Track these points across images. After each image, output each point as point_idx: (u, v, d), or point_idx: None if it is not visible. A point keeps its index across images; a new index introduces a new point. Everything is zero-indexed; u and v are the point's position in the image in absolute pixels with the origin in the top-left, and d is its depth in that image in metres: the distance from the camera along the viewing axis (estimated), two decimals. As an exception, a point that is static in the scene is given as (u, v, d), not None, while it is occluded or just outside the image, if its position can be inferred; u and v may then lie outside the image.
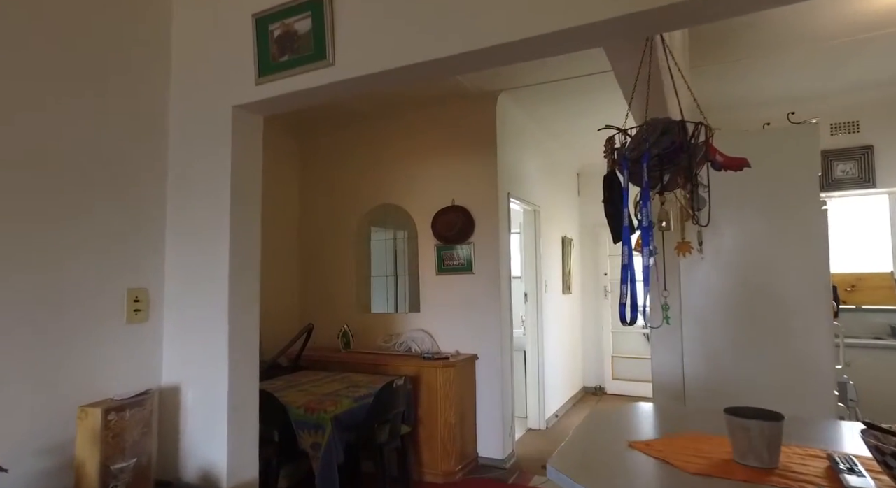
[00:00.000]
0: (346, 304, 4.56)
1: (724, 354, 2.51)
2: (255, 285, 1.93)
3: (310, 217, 4.81)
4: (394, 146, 4.45)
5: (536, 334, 4.98)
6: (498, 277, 3.99)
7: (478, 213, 4.08)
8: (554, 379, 5.26)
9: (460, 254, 4.10)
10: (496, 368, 3.94)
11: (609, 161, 1.45)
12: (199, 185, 1.90)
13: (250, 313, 1.90)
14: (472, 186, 4.12)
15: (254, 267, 1.94)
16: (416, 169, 4.33)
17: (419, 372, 3.70)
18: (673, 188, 1.26)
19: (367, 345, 4.33)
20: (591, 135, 5.32)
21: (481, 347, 3.99)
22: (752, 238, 2.41)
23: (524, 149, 4.71)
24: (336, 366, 4.00)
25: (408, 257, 4.53)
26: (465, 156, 4.15)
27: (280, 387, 3.28)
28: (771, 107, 4.30)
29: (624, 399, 5.97)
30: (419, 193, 4.31)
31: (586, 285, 6.56)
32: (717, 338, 2.51)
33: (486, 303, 4.00)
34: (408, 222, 4.37)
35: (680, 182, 1.22)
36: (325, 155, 4.79)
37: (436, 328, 4.16)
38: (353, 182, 4.62)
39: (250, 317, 1.90)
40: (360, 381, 3.46)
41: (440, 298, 4.16)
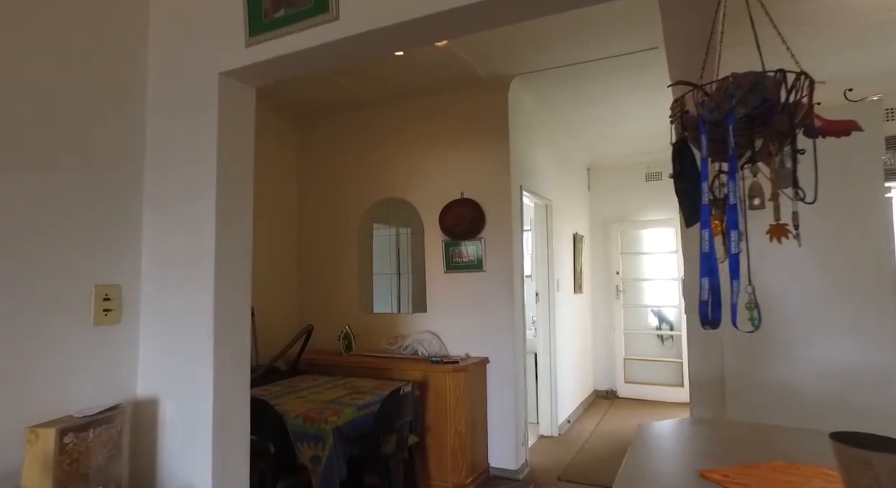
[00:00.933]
0: (347, 304, 4.30)
1: (773, 357, 2.24)
2: (245, 281, 1.67)
3: (309, 211, 4.55)
4: (399, 136, 4.19)
5: (548, 336, 4.72)
6: (511, 275, 3.73)
7: (489, 207, 3.82)
8: (566, 382, 5.00)
9: (470, 251, 3.84)
10: (509, 372, 3.68)
11: (678, 127, 1.19)
12: (180, 167, 1.64)
13: (240, 313, 1.64)
14: (482, 178, 3.86)
15: (244, 260, 1.68)
16: (423, 160, 4.07)
17: (427, 377, 3.44)
18: (764, 157, 1.01)
19: (371, 348, 4.07)
20: (603, 126, 5.06)
21: (493, 350, 3.73)
22: (809, 225, 2.15)
23: (536, 141, 4.45)
24: (337, 370, 3.74)
25: (413, 254, 4.27)
26: (475, 147, 3.89)
27: (277, 394, 3.02)
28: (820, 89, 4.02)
29: (637, 403, 5.71)
30: (426, 186, 4.05)
31: (597, 284, 6.30)
32: (766, 338, 2.24)
33: (497, 303, 3.74)
34: (413, 217, 4.10)
35: (772, 149, 0.97)
36: (326, 146, 4.53)
37: (444, 329, 3.90)
38: (355, 174, 4.36)
39: (240, 318, 1.64)
40: (364, 387, 3.19)
41: (448, 298, 3.90)
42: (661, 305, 6.00)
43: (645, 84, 3.97)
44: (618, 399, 5.96)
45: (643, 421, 4.41)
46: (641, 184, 6.17)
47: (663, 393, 5.69)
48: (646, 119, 4.82)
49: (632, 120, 4.88)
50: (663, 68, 2.44)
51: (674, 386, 5.68)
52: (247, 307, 1.67)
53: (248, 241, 1.71)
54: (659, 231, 6.07)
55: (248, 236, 1.71)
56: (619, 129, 5.19)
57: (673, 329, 5.90)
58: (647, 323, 6.09)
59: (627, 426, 4.83)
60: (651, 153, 5.98)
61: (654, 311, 6.04)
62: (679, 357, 5.70)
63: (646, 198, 6.14)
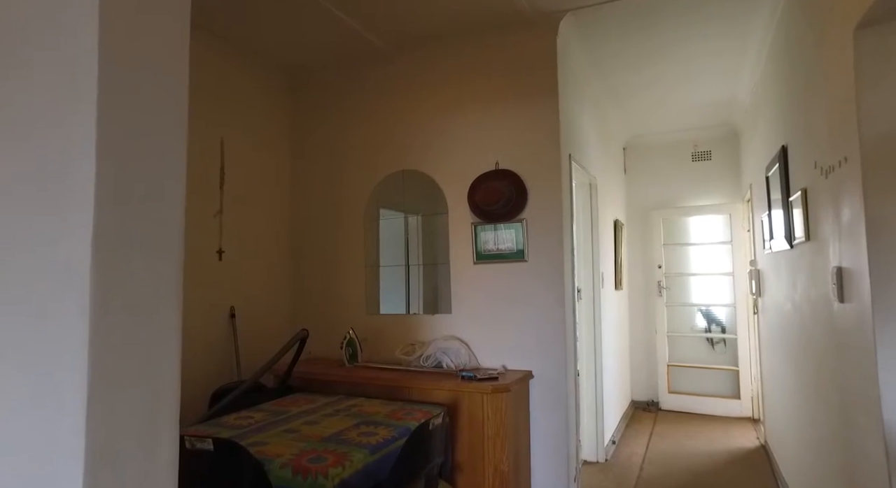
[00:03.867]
0: (350, 303, 3.49)
1: None
2: (170, 261, 0.85)
3: (304, 190, 3.74)
4: (417, 94, 3.37)
5: (593, 340, 3.93)
6: (560, 267, 2.94)
7: (532, 180, 3.02)
8: (609, 395, 4.22)
9: (507, 236, 3.04)
10: (558, 391, 2.89)
11: None
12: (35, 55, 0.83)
13: (158, 324, 0.83)
14: (523, 145, 3.05)
15: (171, 223, 0.87)
16: (447, 123, 3.26)
17: (457, 399, 2.65)
18: None
19: (381, 357, 3.27)
20: (652, 92, 4.25)
21: (537, 362, 2.94)
22: None
23: (581, 104, 3.64)
24: (339, 387, 2.94)
25: (434, 241, 3.46)
26: (514, 105, 3.09)
27: (258, 426, 2.21)
28: None
29: (685, 417, 4.93)
30: (450, 155, 3.24)
31: (636, 280, 5.51)
32: None
33: (543, 303, 2.94)
34: (434, 194, 3.30)
35: None
36: (326, 109, 3.71)
37: (473, 335, 3.10)
38: (362, 143, 3.55)
39: (157, 331, 0.83)
40: (377, 415, 2.40)
41: (479, 295, 3.10)
42: (710, 304, 5.22)
43: (722, 28, 3.17)
44: (661, 411, 5.18)
45: (702, 441, 3.59)
46: (687, 165, 5.38)
47: (716, 405, 4.91)
48: (707, 83, 4.02)
49: (689, 84, 4.08)
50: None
51: (728, 397, 4.90)
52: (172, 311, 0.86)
53: (176, 190, 0.91)
54: (708, 219, 5.27)
55: (176, 183, 0.91)
56: (669, 97, 4.39)
57: (725, 331, 5.12)
58: (695, 324, 5.31)
59: (685, 447, 4.05)
60: (700, 129, 5.19)
61: (703, 311, 5.26)
62: (734, 364, 4.92)
63: (692, 180, 5.35)
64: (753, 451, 3.84)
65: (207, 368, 3.01)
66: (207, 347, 3.03)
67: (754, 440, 4.11)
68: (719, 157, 5.20)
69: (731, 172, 5.13)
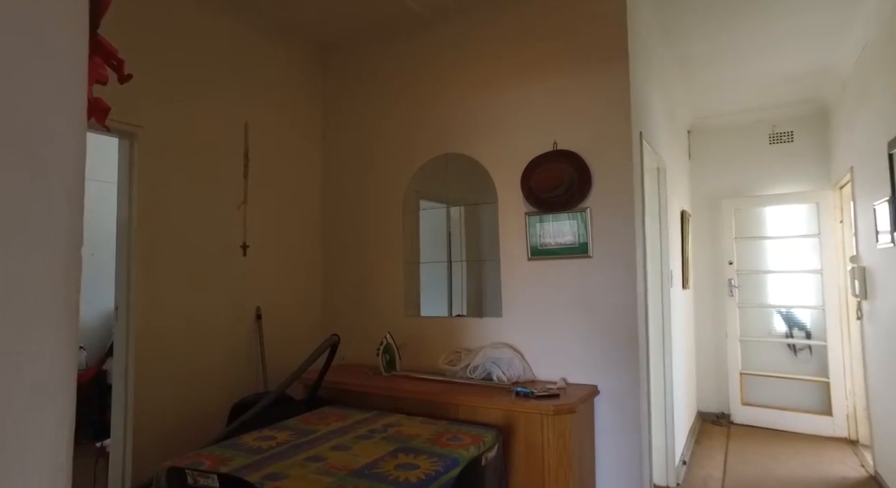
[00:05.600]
0: (387, 304, 3.14)
1: None
2: (48, 255, 0.48)
3: (337, 178, 3.41)
4: (461, 65, 2.98)
5: (661, 346, 3.44)
6: (632, 263, 2.49)
7: (597, 162, 2.58)
8: (678, 408, 3.72)
9: (568, 228, 2.61)
10: (629, 408, 2.45)
11: None
12: None
13: (24, 344, 0.46)
14: (586, 121, 2.61)
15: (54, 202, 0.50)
16: (497, 99, 2.85)
17: (511, 420, 2.25)
18: None
19: (421, 366, 2.91)
20: (728, 64, 3.69)
21: (603, 375, 2.51)
22: None
23: (649, 77, 3.15)
24: (374, 400, 2.59)
25: (481, 234, 3.05)
26: (574, 74, 2.65)
27: (279, 451, 1.88)
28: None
29: (763, 433, 4.35)
30: (500, 136, 2.83)
31: (703, 278, 4.94)
32: None
33: (610, 305, 2.50)
34: (480, 180, 2.89)
35: None
36: (360, 86, 3.36)
37: (526, 342, 2.69)
38: (400, 125, 3.18)
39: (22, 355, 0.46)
40: (416, 438, 2.02)
41: (534, 296, 2.69)
42: (792, 305, 4.60)
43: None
44: (733, 425, 4.61)
45: (790, 464, 3.00)
46: (764, 149, 4.76)
47: (800, 421, 4.31)
48: (795, 49, 3.44)
49: (771, 53, 3.51)
50: None
51: (817, 413, 4.28)
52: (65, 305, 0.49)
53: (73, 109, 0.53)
54: (789, 209, 4.65)
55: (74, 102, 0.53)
56: (745, 70, 3.82)
57: (810, 337, 4.50)
58: (772, 328, 4.70)
59: (771, 471, 3.51)
60: (780, 107, 4.56)
61: (783, 314, 4.64)
62: (823, 375, 4.30)
63: (769, 166, 4.72)
64: (861, 483, 3.26)
65: (230, 376, 2.72)
66: (231, 353, 2.75)
67: (858, 468, 3.52)
68: (803, 139, 4.57)
69: (819, 155, 4.49)
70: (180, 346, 2.52)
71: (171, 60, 2.54)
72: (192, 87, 2.62)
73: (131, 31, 2.39)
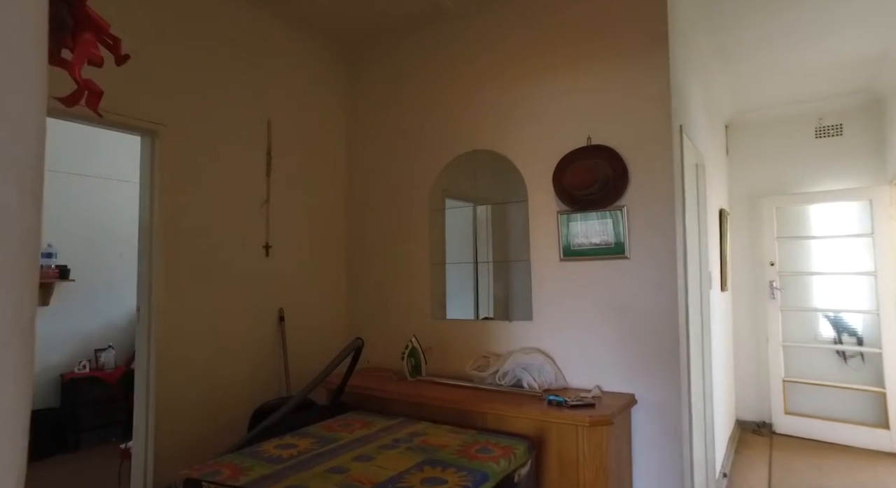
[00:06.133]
0: (413, 306, 3.04)
1: None
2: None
3: (361, 178, 3.33)
4: (491, 59, 2.86)
5: (701, 352, 3.25)
6: (672, 264, 2.33)
7: (634, 157, 2.43)
8: (717, 416, 3.52)
9: (602, 228, 2.47)
10: (669, 419, 2.29)
11: None
12: None
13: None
14: (622, 114, 2.46)
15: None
16: (527, 91, 2.73)
17: (543, 431, 2.12)
18: None
19: (447, 371, 2.80)
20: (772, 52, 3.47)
21: (641, 383, 2.36)
22: None
23: (688, 68, 2.97)
24: (399, 406, 2.50)
25: (507, 234, 2.93)
26: (610, 66, 2.50)
27: (300, 461, 1.80)
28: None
29: (809, 445, 4.10)
30: (531, 130, 2.70)
31: (741, 279, 4.70)
32: None
33: (649, 308, 2.35)
34: (510, 177, 2.77)
35: None
36: (386, 82, 3.27)
37: (559, 348, 2.56)
38: (426, 120, 3.08)
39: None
40: (444, 449, 1.92)
41: (566, 299, 2.55)
42: (841, 309, 4.33)
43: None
44: (776, 436, 4.36)
45: (844, 481, 2.77)
46: (809, 143, 4.49)
47: (852, 434, 4.05)
48: (849, 33, 3.21)
49: (821, 38, 3.28)
50: None
51: (871, 426, 4.01)
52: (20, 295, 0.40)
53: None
54: (837, 206, 4.38)
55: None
56: (792, 58, 3.59)
57: (862, 343, 4.22)
58: (819, 333, 4.44)
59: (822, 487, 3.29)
60: (828, 98, 4.30)
61: (831, 318, 4.38)
62: (878, 384, 4.03)
63: (815, 161, 4.46)
64: (922, 502, 3.03)
65: (253, 380, 2.67)
66: (253, 356, 2.69)
67: (919, 486, 3.27)
68: (854, 132, 4.29)
69: (871, 149, 4.21)
70: (202, 348, 2.47)
71: (192, 56, 2.50)
72: (214, 82, 2.57)
73: (151, 25, 2.35)
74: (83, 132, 4.10)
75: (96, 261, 4.24)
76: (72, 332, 4.12)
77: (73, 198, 4.17)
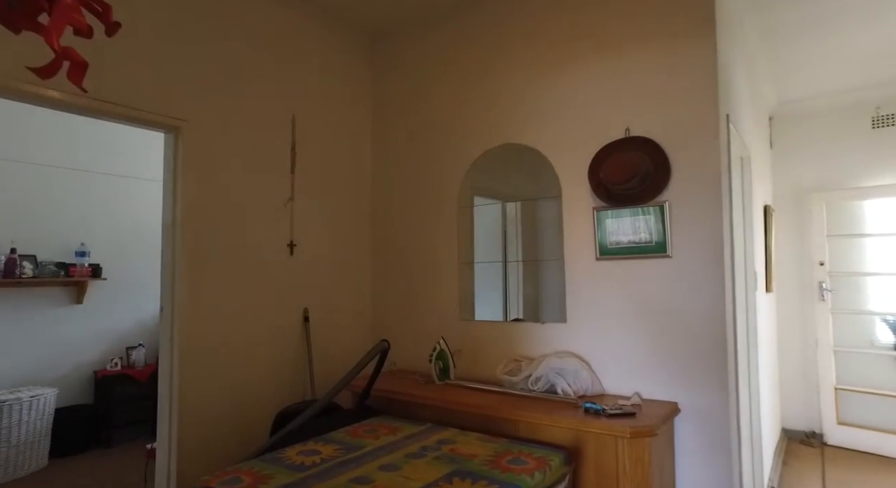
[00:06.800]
0: (440, 307, 2.94)
1: None
2: None
3: (387, 174, 3.25)
4: (522, 45, 2.73)
5: (747, 357, 3.05)
6: (719, 263, 2.16)
7: (676, 149, 2.27)
8: (764, 426, 3.31)
9: (643, 224, 2.32)
10: (716, 430, 2.13)
11: None
12: None
13: None
14: (663, 103, 2.31)
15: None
16: (560, 80, 2.59)
17: (580, 441, 1.99)
18: None
19: (476, 374, 2.69)
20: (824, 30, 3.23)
21: (684, 390, 2.20)
22: None
23: (733, 52, 2.78)
24: (426, 411, 2.40)
25: (538, 231, 2.80)
26: (651, 50, 2.34)
27: (322, 469, 1.71)
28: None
29: (867, 459, 3.83)
30: (564, 122, 2.56)
31: (786, 280, 4.44)
32: None
33: (693, 310, 2.19)
34: (542, 172, 2.64)
35: None
36: (411, 74, 3.18)
37: (595, 352, 2.41)
38: (454, 113, 2.98)
39: None
40: (474, 459, 1.81)
41: (602, 300, 2.40)
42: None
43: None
44: (827, 447, 4.09)
45: None
46: (864, 135, 4.20)
47: (908, 446, 3.75)
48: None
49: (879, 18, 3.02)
50: None
51: (933, 438, 3.72)
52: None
53: None
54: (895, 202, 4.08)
55: None
56: (845, 41, 3.34)
57: (924, 349, 3.92)
58: (875, 338, 4.15)
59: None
60: (885, 85, 4.01)
61: (890, 322, 4.08)
62: (942, 394, 3.73)
63: (871, 153, 4.16)
64: None
65: (277, 382, 2.61)
66: (277, 358, 2.63)
67: None
68: (913, 121, 3.99)
69: (934, 139, 3.90)
70: (225, 348, 2.43)
71: (215, 50, 2.45)
72: (237, 77, 2.53)
73: (173, 20, 2.31)
74: (114, 133, 4.16)
75: (127, 261, 4.28)
76: (104, 330, 4.17)
77: (104, 197, 4.22)
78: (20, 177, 3.79)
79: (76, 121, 3.85)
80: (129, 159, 4.35)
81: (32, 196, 3.85)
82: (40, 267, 3.79)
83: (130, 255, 4.29)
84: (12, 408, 3.43)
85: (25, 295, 3.80)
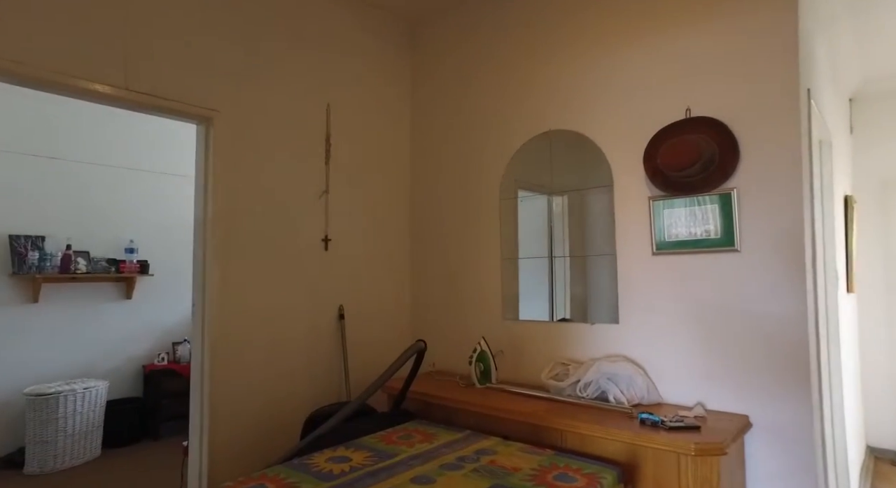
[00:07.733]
0: (482, 305, 2.78)
1: None
2: None
3: (427, 165, 3.11)
4: (569, 22, 2.52)
5: (828, 365, 2.71)
6: (800, 260, 1.89)
7: (747, 130, 2.00)
8: (849, 444, 2.94)
9: (705, 215, 2.07)
10: (797, 448, 1.86)
11: None
12: None
13: None
14: (731, 78, 2.04)
15: None
16: (610, 57, 2.37)
17: (635, 456, 1.77)
18: None
19: (519, 378, 2.51)
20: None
21: (756, 401, 1.94)
22: None
23: (818, 22, 2.46)
24: (465, 417, 2.24)
25: (587, 225, 2.58)
26: (716, 18, 2.09)
27: (351, 480, 1.58)
28: None
29: (967, 482, 3.36)
30: (615, 104, 2.34)
31: (870, 279, 3.99)
32: None
33: (766, 312, 1.93)
34: (591, 160, 2.42)
35: None
36: (451, 63, 3.03)
37: (651, 357, 2.18)
38: (496, 98, 2.80)
39: None
40: (516, 474, 1.63)
41: (660, 300, 2.17)
42: None
43: None
44: (921, 469, 3.64)
45: None
46: (963, 115, 3.70)
47: None
48: None
49: None
50: None
51: None
52: None
53: None
54: None
55: None
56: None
57: None
58: (978, 346, 3.65)
59: None
60: None
61: None
62: None
63: (973, 136, 3.66)
64: None
65: (310, 381, 2.52)
66: (311, 357, 2.54)
67: None
68: None
69: None
70: (257, 347, 2.36)
71: (247, 37, 2.38)
72: (269, 66, 2.45)
73: (204, 7, 2.26)
74: (162, 130, 4.23)
75: (172, 257, 4.35)
76: (152, 325, 4.26)
77: (151, 194, 4.31)
78: (74, 177, 3.91)
79: (123, 119, 3.94)
80: (174, 156, 4.41)
81: (85, 194, 3.97)
82: (93, 263, 3.90)
83: (176, 252, 4.36)
84: (67, 399, 3.54)
85: (79, 290, 3.92)
